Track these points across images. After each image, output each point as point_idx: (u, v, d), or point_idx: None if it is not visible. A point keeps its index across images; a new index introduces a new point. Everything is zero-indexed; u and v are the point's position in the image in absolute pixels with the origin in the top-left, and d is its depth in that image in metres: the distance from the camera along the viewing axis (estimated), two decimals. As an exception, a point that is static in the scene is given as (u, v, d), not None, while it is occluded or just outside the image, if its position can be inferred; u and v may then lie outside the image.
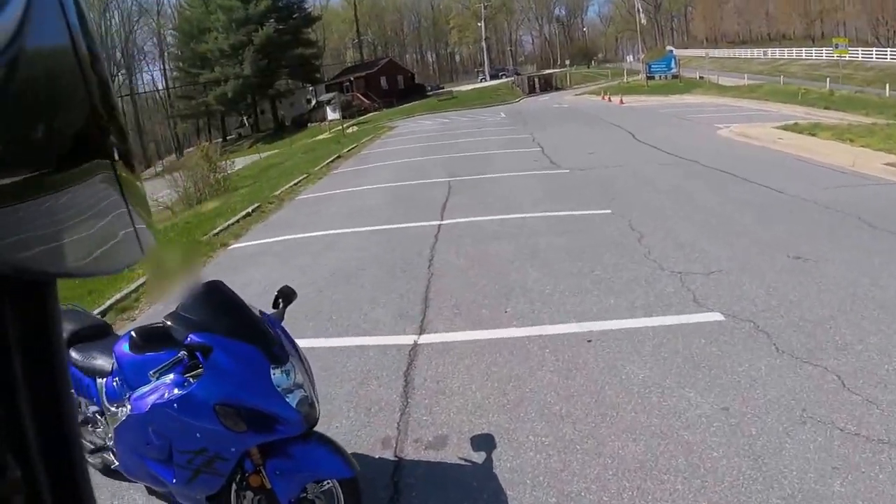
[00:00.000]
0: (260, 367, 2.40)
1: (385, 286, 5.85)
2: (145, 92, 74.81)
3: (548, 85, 56.30)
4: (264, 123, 57.76)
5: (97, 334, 3.04)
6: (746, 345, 3.85)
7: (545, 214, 7.67)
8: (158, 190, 16.10)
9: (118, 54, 69.35)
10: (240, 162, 29.13)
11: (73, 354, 2.96)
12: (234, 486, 2.58)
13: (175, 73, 65.10)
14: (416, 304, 5.27)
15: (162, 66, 73.14)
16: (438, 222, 8.02)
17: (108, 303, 7.23)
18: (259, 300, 5.87)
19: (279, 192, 13.68)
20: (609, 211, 7.42)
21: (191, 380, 2.39)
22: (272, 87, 54.57)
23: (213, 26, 53.28)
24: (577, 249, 6.04)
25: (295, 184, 14.63)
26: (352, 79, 55.40)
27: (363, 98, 51.89)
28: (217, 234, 10.35)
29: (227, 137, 59.77)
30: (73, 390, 0.47)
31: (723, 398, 3.26)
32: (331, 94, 44.01)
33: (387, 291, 5.69)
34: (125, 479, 2.88)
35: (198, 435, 2.40)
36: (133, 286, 7.93)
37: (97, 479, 3.30)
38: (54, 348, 0.43)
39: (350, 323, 5.16)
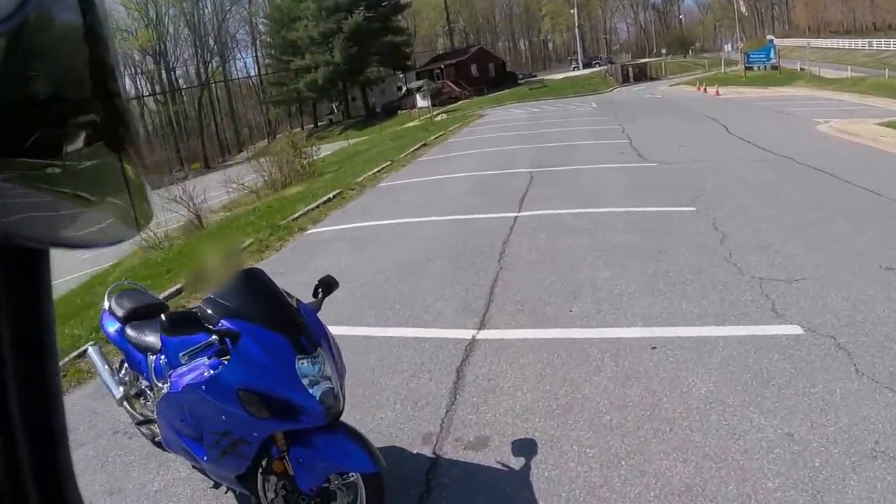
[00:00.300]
0: (286, 356, 2.41)
1: (452, 278, 5.80)
2: (238, 78, 77.36)
3: (642, 74, 54.28)
4: (355, 110, 58.30)
5: (152, 312, 3.14)
6: (824, 363, 3.47)
7: (625, 210, 7.36)
8: (245, 175, 16.76)
9: (211, 42, 72.13)
10: (328, 148, 29.95)
11: (128, 331, 3.12)
12: (260, 469, 2.61)
13: (267, 61, 66.75)
14: (481, 297, 5.18)
15: (254, 54, 75.72)
16: (515, 214, 7.88)
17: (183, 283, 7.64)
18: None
19: (361, 178, 13.92)
20: (693, 209, 7.01)
21: (223, 364, 2.43)
22: (362, 75, 54.49)
23: (303, 14, 53.94)
24: (654, 248, 5.75)
25: (378, 171, 14.84)
26: (442, 66, 55.39)
27: (453, 86, 51.78)
28: (296, 218, 10.65)
29: (318, 123, 61.34)
30: (59, 364, 0.45)
31: (789, 422, 2.94)
32: (420, 82, 44.36)
33: (453, 283, 5.64)
34: (169, 452, 3.02)
35: (223, 417, 2.45)
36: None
37: (149, 449, 3.45)
38: (43, 318, 0.43)
39: (412, 313, 5.15)
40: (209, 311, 2.48)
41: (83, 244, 0.44)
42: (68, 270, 15.49)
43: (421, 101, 37.58)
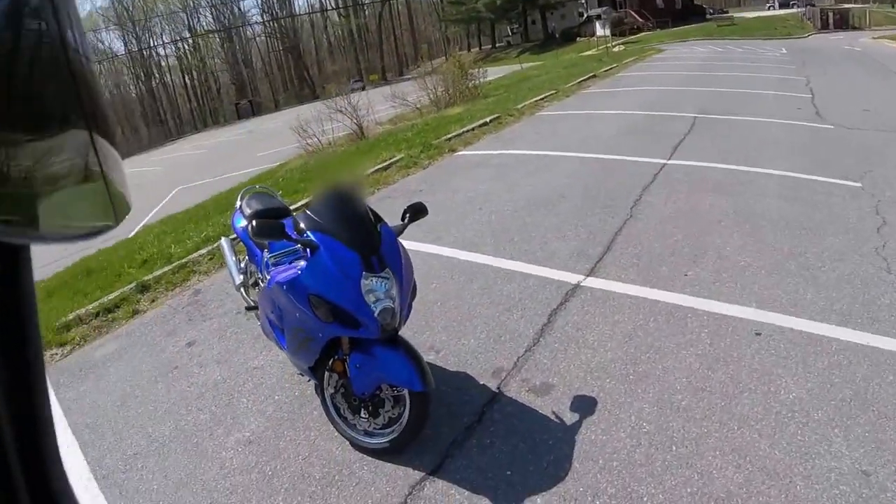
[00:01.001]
0: (353, 271, 2.54)
1: (578, 219, 5.56)
2: None
3: (843, 22, 46.05)
4: (534, 34, 55.37)
5: (274, 215, 3.38)
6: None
7: (781, 174, 6.50)
8: (411, 92, 16.94)
9: None
10: (501, 71, 29.43)
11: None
12: (327, 366, 2.85)
13: None
14: (600, 244, 4.94)
15: None
16: (664, 161, 7.30)
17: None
18: (458, 208, 6.00)
19: (522, 105, 13.60)
20: (859, 184, 5.98)
21: (300, 269, 2.67)
22: None
23: None
24: (798, 223, 5.05)
25: (541, 99, 14.39)
26: None
27: (635, 16, 47.52)
28: (450, 139, 10.73)
29: (496, 45, 59.75)
30: (43, 356, 0.45)
31: (871, 458, 2.40)
32: (601, 9, 41.29)
33: (577, 225, 5.42)
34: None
35: (297, 315, 2.68)
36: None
37: (259, 332, 3.77)
38: (24, 312, 0.42)
39: (528, 248, 5.06)
40: (301, 223, 2.71)
41: (61, 238, 0.42)
42: (246, 165, 16.96)
43: (600, 30, 35.36)
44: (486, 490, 2.56)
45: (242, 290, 3.68)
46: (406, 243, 5.40)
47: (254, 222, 2.58)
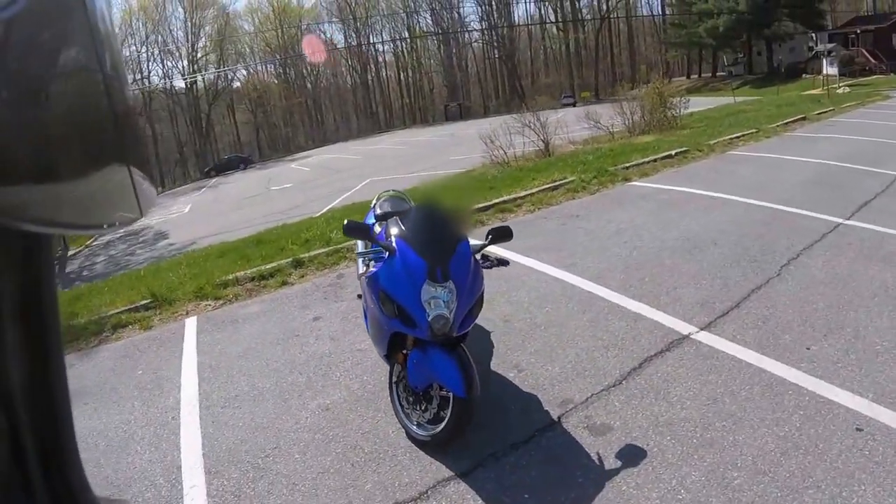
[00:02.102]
0: (418, 277, 2.79)
1: (719, 269, 5.15)
2: (640, 16, 70.73)
3: None
4: (758, 66, 49.48)
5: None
6: None
7: None
8: (610, 115, 16.52)
9: None
10: (713, 102, 27.50)
11: (376, 226, 3.80)
12: (395, 357, 3.16)
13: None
14: (729, 299, 4.54)
15: None
16: (841, 221, 6.37)
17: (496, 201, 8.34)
18: (604, 239, 5.87)
19: (715, 141, 12.68)
20: None
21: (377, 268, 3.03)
22: (768, 28, 44.87)
23: None
24: None
25: (737, 137, 13.25)
26: (858, 31, 43.52)
27: (868, 56, 40.65)
28: (628, 167, 10.41)
29: (717, 73, 54.71)
30: (63, 350, 0.44)
31: None
32: (830, 45, 35.94)
33: (715, 275, 5.03)
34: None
35: (373, 306, 3.04)
36: (520, 194, 8.83)
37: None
38: (44, 302, 0.41)
39: (653, 290, 4.84)
40: (392, 228, 3.05)
41: (84, 227, 0.40)
42: (436, 166, 17.82)
43: (827, 68, 31.14)
44: (497, 503, 2.65)
45: (360, 279, 4.12)
46: (539, 265, 5.55)
47: (344, 222, 3.01)
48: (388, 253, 2.98)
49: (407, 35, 72.15)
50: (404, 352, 3.05)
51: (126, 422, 3.85)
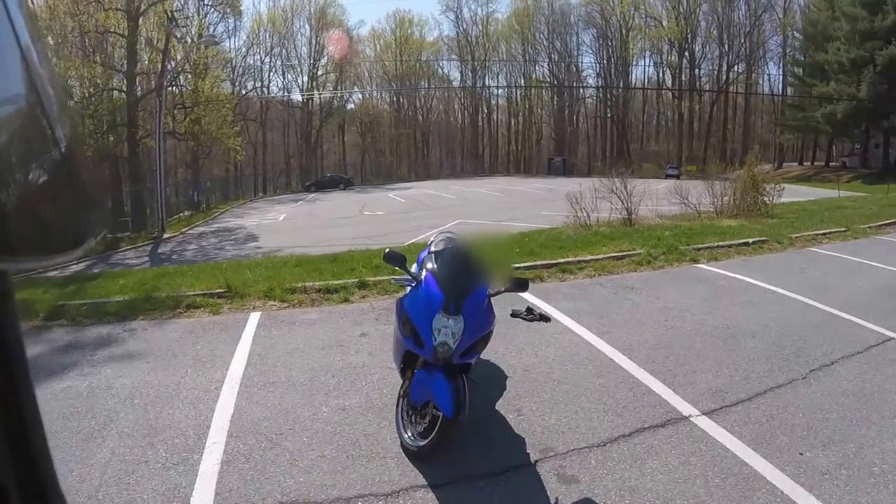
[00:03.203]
0: (434, 306, 3.26)
1: (746, 361, 5.17)
2: (757, 93, 65.74)
3: None
4: (875, 160, 44.03)
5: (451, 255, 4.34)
6: None
7: None
8: (693, 188, 16.25)
9: (738, 45, 61.83)
10: (817, 193, 26.26)
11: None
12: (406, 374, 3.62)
13: (791, 79, 56.67)
14: (743, 392, 4.57)
15: (782, 69, 62.09)
16: (892, 336, 6.11)
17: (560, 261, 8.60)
18: (648, 314, 5.97)
19: (799, 235, 12.28)
20: None
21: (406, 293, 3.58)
22: (888, 119, 40.36)
23: (836, 35, 42.96)
24: None
25: (823, 233, 12.76)
26: None
27: None
28: (700, 249, 10.36)
29: (830, 163, 50.56)
30: (32, 385, 0.45)
31: None
32: None
33: (738, 366, 5.04)
34: None
35: (396, 324, 3.56)
36: (585, 258, 9.04)
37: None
38: (8, 336, 0.41)
39: (672, 370, 4.95)
40: (426, 261, 3.61)
41: (38, 262, 0.40)
42: (524, 218, 17.98)
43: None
44: None
45: None
46: (576, 327, 5.81)
47: (385, 250, 3.62)
48: (416, 283, 3.51)
49: (522, 82, 71.57)
50: (413, 371, 3.52)
51: (176, 382, 4.64)
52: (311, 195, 43.19)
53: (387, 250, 3.70)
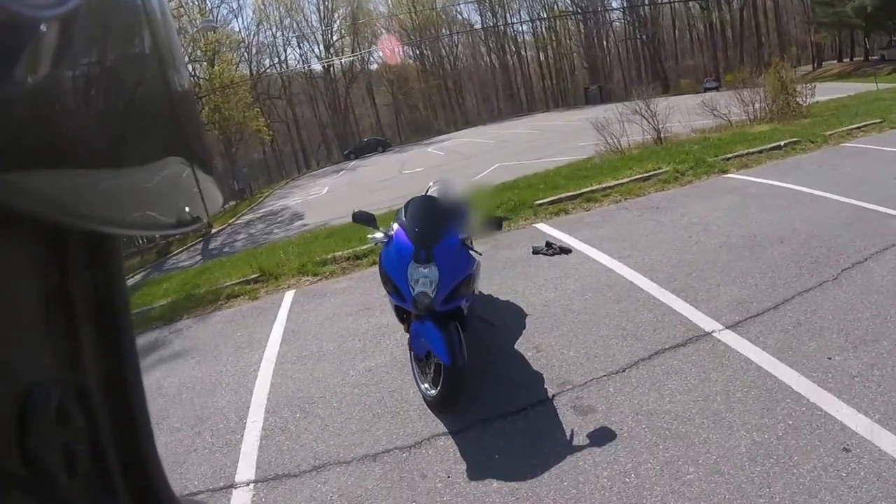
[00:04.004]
0: (405, 258, 3.14)
1: (775, 269, 4.79)
2: None
3: None
4: None
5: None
6: None
7: None
8: (722, 99, 15.22)
9: None
10: (856, 88, 24.20)
11: None
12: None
13: None
14: (770, 301, 4.24)
15: None
16: None
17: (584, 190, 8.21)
18: (671, 232, 5.65)
19: (832, 132, 11.28)
20: None
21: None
22: None
23: None
24: None
25: (858, 127, 11.67)
26: None
27: None
28: (729, 158, 9.71)
29: (868, 58, 45.37)
30: (136, 347, 0.43)
31: None
32: None
33: (767, 274, 4.70)
34: None
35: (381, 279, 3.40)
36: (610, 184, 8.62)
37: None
38: (116, 304, 0.40)
39: (695, 286, 4.66)
40: (399, 216, 3.45)
41: (152, 228, 0.38)
42: (563, 152, 17.41)
43: None
44: (471, 458, 2.99)
45: None
46: (597, 254, 5.55)
47: (354, 211, 3.48)
48: (388, 238, 3.37)
49: (545, 15, 65.87)
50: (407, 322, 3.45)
51: (218, 372, 4.71)
52: (351, 163, 42.42)
53: (355, 211, 3.56)
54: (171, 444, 3.70)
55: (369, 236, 3.90)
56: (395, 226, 3.38)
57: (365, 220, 3.52)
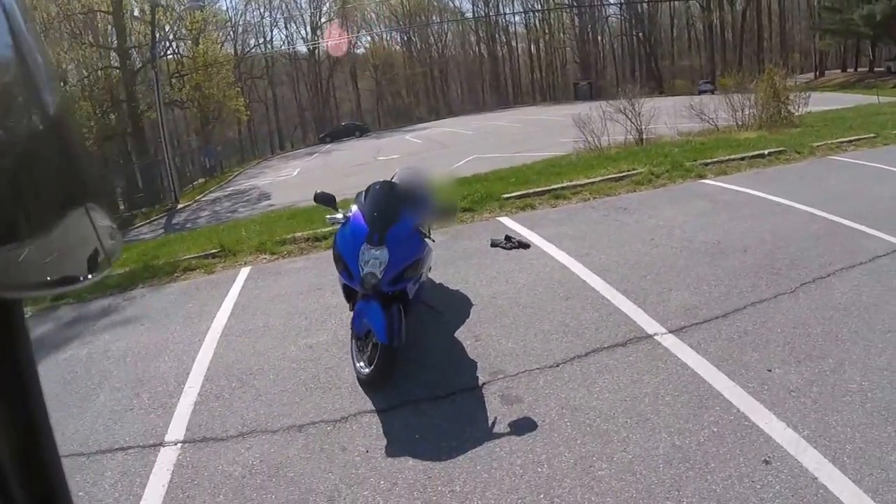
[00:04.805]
0: (359, 239, 3.36)
1: (732, 277, 4.86)
2: None
3: None
4: None
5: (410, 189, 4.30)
6: None
7: None
8: (712, 103, 15.44)
9: None
10: (856, 99, 24.72)
11: None
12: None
13: None
14: (720, 309, 4.33)
15: None
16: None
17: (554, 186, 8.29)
18: (633, 234, 6.05)
19: (821, 143, 11.49)
20: None
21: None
22: None
23: None
24: None
25: (849, 140, 11.88)
26: None
27: None
28: (707, 164, 9.83)
29: (874, 69, 45.99)
30: (46, 409, 0.42)
31: None
32: None
33: (722, 282, 4.77)
34: None
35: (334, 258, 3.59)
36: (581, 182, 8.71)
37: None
38: (22, 367, 0.39)
39: (646, 289, 4.75)
40: (358, 199, 3.70)
41: (53, 286, 0.38)
42: (542, 147, 17.45)
43: None
44: (393, 436, 3.17)
45: None
46: (555, 251, 5.61)
47: (315, 192, 3.70)
48: (346, 220, 3.55)
49: (539, 6, 66.01)
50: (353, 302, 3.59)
51: (165, 339, 4.90)
52: (326, 146, 42.12)
53: (317, 191, 3.77)
54: (110, 402, 3.93)
55: (328, 217, 3.95)
56: (354, 208, 3.58)
57: (325, 200, 3.73)
